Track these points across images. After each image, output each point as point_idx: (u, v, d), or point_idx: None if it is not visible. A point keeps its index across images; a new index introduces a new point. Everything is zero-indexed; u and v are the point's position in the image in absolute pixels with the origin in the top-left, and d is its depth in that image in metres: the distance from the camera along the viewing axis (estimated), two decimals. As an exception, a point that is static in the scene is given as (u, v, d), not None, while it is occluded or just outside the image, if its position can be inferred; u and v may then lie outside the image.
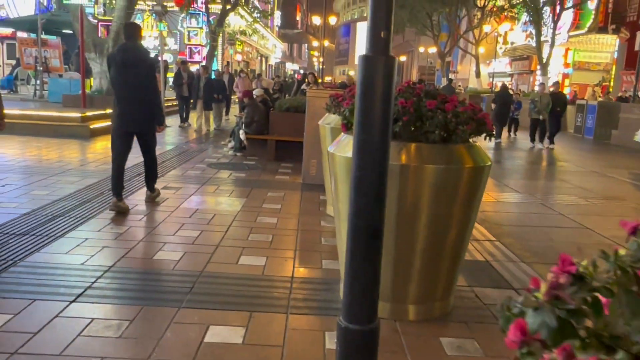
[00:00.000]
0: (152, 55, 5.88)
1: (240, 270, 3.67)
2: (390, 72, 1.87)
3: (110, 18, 12.34)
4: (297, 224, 4.97)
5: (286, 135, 8.63)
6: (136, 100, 5.03)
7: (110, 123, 5.47)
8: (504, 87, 17.40)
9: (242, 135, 8.75)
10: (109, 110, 12.04)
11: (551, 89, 14.21)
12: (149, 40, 25.34)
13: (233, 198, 5.89)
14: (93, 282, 3.29)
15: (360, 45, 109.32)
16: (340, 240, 3.25)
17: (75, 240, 4.07)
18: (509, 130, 15.90)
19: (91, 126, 10.30)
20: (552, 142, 13.19)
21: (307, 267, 3.85)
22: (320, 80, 16.92)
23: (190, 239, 4.28)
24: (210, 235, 4.43)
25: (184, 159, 8.31)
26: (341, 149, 3.11)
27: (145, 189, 5.66)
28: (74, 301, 3.01)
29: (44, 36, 13.51)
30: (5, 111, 4.67)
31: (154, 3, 12.67)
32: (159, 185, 6.24)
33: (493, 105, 16.84)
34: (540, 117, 13.11)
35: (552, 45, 24.43)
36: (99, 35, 12.64)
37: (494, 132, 3.18)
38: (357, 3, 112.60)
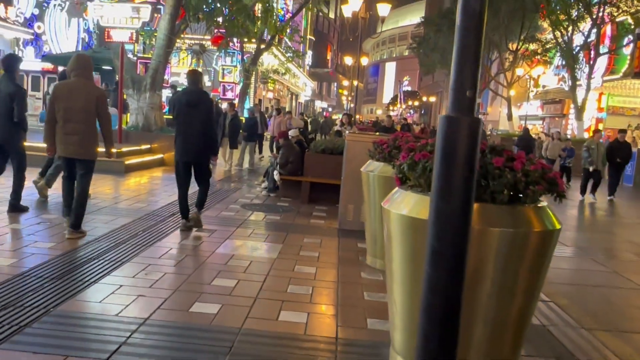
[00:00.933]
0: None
1: (281, 328, 3.44)
2: (475, 134, 1.68)
3: (149, 56, 12.54)
4: (337, 275, 4.74)
5: (321, 177, 8.48)
6: (195, 134, 5.79)
7: (144, 159, 6.02)
8: (526, 130, 17.05)
9: (276, 176, 8.64)
10: (144, 146, 12.23)
11: (613, 137, 12.71)
12: (184, 77, 25.93)
13: (269, 243, 5.71)
14: (128, 338, 3.10)
15: (388, 85, 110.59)
16: (393, 303, 3.01)
17: (110, 287, 3.92)
18: None
19: (126, 162, 10.33)
20: (611, 193, 12.12)
21: (351, 326, 3.60)
22: (359, 118, 16.75)
23: (227, 289, 4.09)
24: (247, 285, 4.24)
25: (217, 199, 8.21)
26: (396, 205, 2.91)
27: (177, 233, 5.55)
28: (107, 359, 2.83)
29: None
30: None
31: (193, 42, 12.88)
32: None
33: (515, 149, 16.91)
34: (591, 169, 12.00)
35: (588, 90, 24.05)
36: (138, 72, 12.87)
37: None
38: (386, 44, 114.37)
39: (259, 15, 14.90)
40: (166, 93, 15.84)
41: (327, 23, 70.93)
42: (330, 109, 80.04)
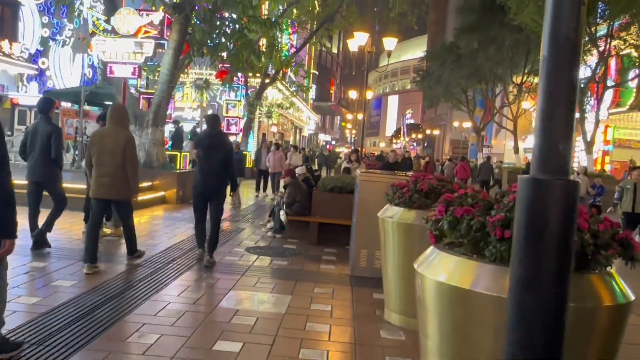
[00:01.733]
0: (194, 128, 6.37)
1: (294, 409, 2.94)
2: (573, 201, 1.24)
3: (152, 91, 12.28)
4: (354, 335, 4.24)
5: (330, 217, 8.03)
6: (215, 173, 6.27)
7: (144, 197, 6.99)
8: (528, 165, 16.20)
9: (282, 217, 8.19)
10: (146, 184, 11.80)
11: None
12: (187, 112, 25.75)
13: (277, 295, 5.21)
14: None
15: (391, 118, 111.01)
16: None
17: (99, 354, 3.43)
18: None
19: (125, 201, 9.90)
20: None
21: (375, 404, 3.10)
22: (364, 151, 16.27)
23: (232, 356, 3.60)
24: (254, 350, 3.74)
25: (220, 241, 7.72)
26: (432, 269, 2.45)
27: (177, 282, 5.07)
28: None
29: (86, 107, 13.63)
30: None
31: (197, 77, 12.64)
32: (196, 275, 5.68)
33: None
34: (614, 210, 10.41)
35: (597, 123, 23.70)
36: (140, 107, 12.59)
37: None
38: (388, 78, 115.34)
39: (264, 50, 14.73)
40: (169, 128, 15.54)
41: (330, 57, 71.64)
42: (333, 142, 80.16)
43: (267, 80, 23.00)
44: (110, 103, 13.80)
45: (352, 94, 39.17)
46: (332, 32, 24.24)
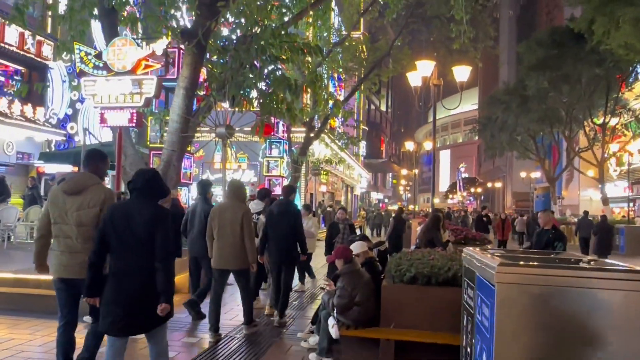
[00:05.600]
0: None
1: None
2: None
3: (162, 146, 9.50)
4: None
5: (414, 329, 4.71)
6: (283, 239, 6.76)
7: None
8: (604, 217, 17.09)
9: (332, 329, 4.88)
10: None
11: None
12: (228, 174, 23.24)
13: None
14: None
15: (444, 173, 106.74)
16: None
17: None
18: None
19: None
20: None
21: None
22: (454, 208, 12.76)
23: None
24: None
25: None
26: None
27: None
28: None
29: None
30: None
31: (219, 127, 9.77)
32: None
33: (593, 238, 16.28)
34: None
35: None
36: (152, 165, 9.89)
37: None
38: (439, 132, 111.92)
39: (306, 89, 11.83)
40: (184, 191, 12.73)
41: (378, 114, 69.61)
42: (386, 200, 76.50)
43: (311, 134, 20.28)
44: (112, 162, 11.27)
45: (409, 145, 36.08)
46: (382, 78, 21.48)
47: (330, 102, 17.95)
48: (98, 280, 3.67)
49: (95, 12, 9.03)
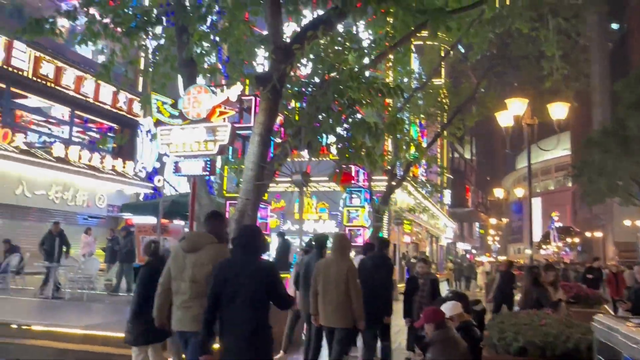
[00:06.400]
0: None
1: None
2: None
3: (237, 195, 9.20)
4: None
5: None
6: (376, 293, 6.58)
7: None
8: None
9: (424, 410, 4.03)
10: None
11: None
12: (308, 224, 22.87)
13: None
14: None
15: (535, 221, 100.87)
16: None
17: None
18: None
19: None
20: None
21: None
22: (551, 259, 11.28)
23: None
24: None
25: None
26: None
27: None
28: None
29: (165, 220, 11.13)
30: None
31: (295, 174, 9.33)
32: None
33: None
34: None
35: None
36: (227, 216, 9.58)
37: None
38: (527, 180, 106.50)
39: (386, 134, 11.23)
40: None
41: (462, 162, 67.62)
42: (473, 251, 72.98)
43: (393, 183, 19.53)
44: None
45: (498, 192, 34.27)
46: (467, 122, 20.51)
47: (412, 149, 17.23)
48: (212, 336, 3.89)
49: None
